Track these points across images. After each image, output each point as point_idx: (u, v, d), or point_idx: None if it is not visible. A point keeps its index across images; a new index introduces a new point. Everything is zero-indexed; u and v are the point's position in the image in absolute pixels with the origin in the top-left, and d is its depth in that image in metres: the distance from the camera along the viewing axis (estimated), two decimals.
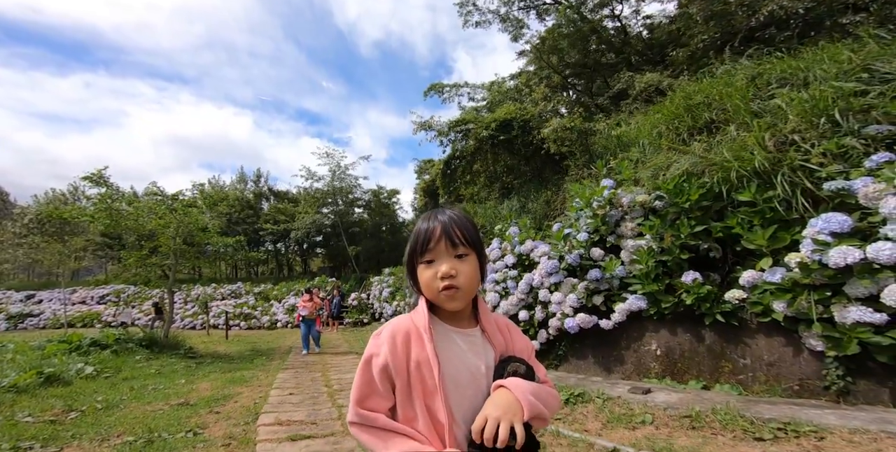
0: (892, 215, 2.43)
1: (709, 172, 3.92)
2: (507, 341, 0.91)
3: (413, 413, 0.79)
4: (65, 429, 2.94)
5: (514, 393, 0.75)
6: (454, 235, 0.83)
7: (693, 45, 8.90)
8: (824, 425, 2.19)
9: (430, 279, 0.82)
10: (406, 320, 0.85)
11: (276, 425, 2.90)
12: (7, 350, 6.10)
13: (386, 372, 0.80)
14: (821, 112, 3.51)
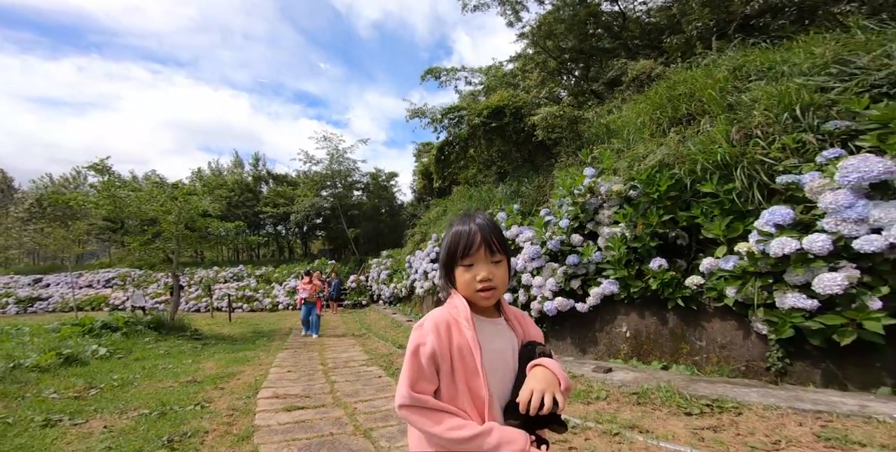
0: (827, 209, 2.68)
1: (678, 164, 4.14)
2: (523, 328, 1.06)
3: (455, 391, 0.90)
4: (87, 404, 3.32)
5: (551, 370, 0.90)
6: (492, 244, 0.95)
7: (688, 32, 8.87)
8: (746, 402, 2.50)
9: (470, 281, 0.95)
10: (444, 312, 0.97)
11: (274, 398, 3.28)
12: (24, 332, 6.52)
13: (433, 359, 0.90)
14: (785, 107, 3.69)
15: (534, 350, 0.98)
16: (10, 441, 2.52)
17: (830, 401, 2.37)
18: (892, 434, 1.90)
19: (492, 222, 1.01)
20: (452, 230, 1.01)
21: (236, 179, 25.87)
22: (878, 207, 2.42)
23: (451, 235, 1.00)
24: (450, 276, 1.00)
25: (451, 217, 1.09)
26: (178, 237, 7.56)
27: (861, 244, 2.46)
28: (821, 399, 2.44)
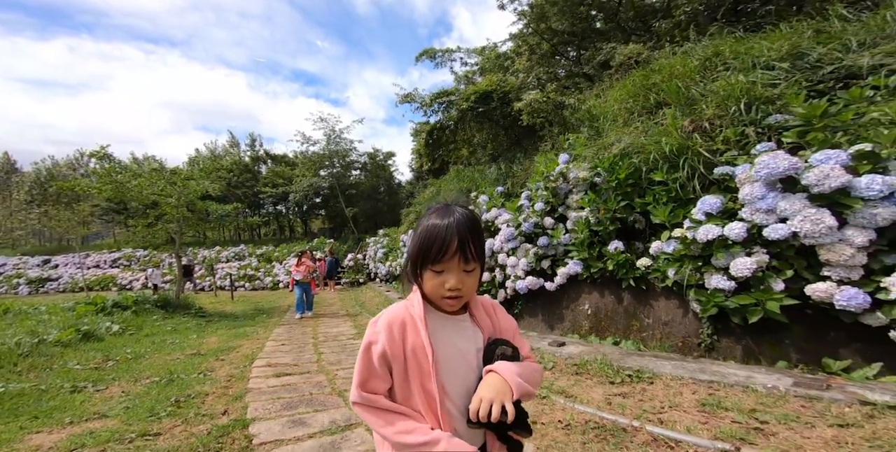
0: (745, 200, 3.04)
1: (637, 153, 4.46)
2: (493, 322, 1.00)
3: (409, 392, 0.88)
4: (106, 374, 3.84)
5: (503, 376, 0.85)
6: (469, 252, 0.87)
7: (676, 17, 8.87)
8: (660, 373, 2.94)
9: (437, 287, 0.88)
10: (401, 309, 0.92)
11: (267, 367, 3.78)
12: (41, 312, 7.08)
13: (384, 358, 0.87)
14: (735, 100, 3.96)
15: (494, 350, 0.94)
16: (45, 403, 3.03)
17: (726, 373, 2.80)
18: (759, 401, 2.32)
19: (471, 221, 0.91)
20: (428, 223, 0.91)
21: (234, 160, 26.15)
22: (785, 199, 2.78)
23: (426, 230, 0.90)
24: (416, 273, 0.92)
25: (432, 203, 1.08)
26: (179, 219, 8.02)
27: (769, 232, 2.83)
28: (719, 370, 2.86)
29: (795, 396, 2.31)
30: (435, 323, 0.92)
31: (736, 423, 2.09)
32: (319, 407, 2.71)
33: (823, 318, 2.87)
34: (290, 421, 2.48)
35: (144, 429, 2.44)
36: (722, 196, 3.37)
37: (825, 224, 2.54)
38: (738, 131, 3.68)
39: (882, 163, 2.54)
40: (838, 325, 2.80)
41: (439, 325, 0.93)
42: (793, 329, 3.09)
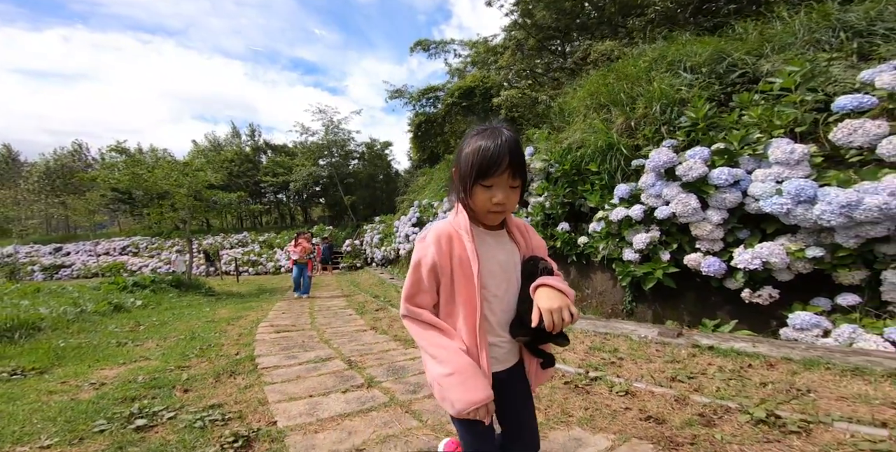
0: (642, 186, 3.84)
1: (580, 147, 5.24)
2: (526, 240, 1.08)
3: (453, 306, 0.96)
4: (140, 334, 4.76)
5: (557, 288, 0.93)
6: (517, 170, 0.94)
7: (648, 14, 9.42)
8: (578, 329, 3.70)
9: (485, 201, 0.95)
10: (446, 225, 0.99)
11: (269, 327, 4.70)
12: (70, 290, 8.04)
13: (434, 271, 0.96)
14: (656, 101, 4.71)
15: (536, 265, 1.01)
16: (100, 352, 3.94)
17: (620, 328, 3.59)
18: (630, 346, 3.11)
19: (517, 142, 0.97)
20: (477, 144, 0.95)
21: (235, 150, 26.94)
22: (668, 187, 3.58)
23: (477, 149, 0.95)
24: (465, 189, 0.97)
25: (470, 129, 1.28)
26: (189, 207, 8.90)
27: (658, 213, 3.65)
28: (617, 326, 3.66)
29: (655, 343, 3.13)
30: (479, 237, 0.99)
31: (602, 359, 2.91)
32: (308, 349, 3.61)
33: (707, 286, 3.69)
34: (286, 356, 3.38)
35: (179, 364, 3.34)
36: (633, 184, 4.17)
37: (691, 206, 3.35)
38: (654, 129, 4.45)
39: (735, 158, 3.34)
40: (716, 292, 3.62)
41: (482, 239, 1.00)
42: (686, 295, 3.93)
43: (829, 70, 3.54)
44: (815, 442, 1.57)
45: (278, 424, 2.02)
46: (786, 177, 2.85)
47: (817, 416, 1.74)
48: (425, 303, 0.98)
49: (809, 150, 2.88)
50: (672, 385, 2.28)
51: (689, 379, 2.35)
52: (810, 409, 1.82)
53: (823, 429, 1.65)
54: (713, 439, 1.67)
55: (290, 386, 2.59)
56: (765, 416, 1.74)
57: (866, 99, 2.72)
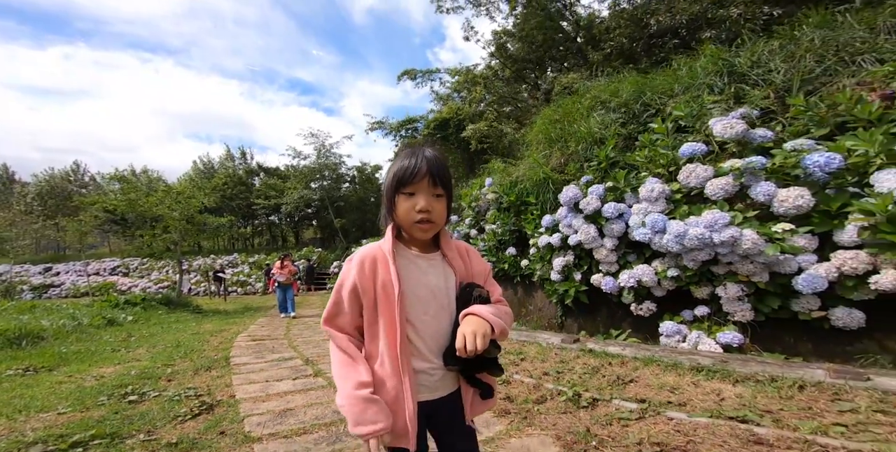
0: (558, 218, 4.67)
1: (521, 181, 6.12)
2: (466, 264, 1.09)
3: (377, 330, 0.97)
4: (132, 344, 5.45)
5: (482, 317, 0.93)
6: (437, 176, 0.97)
7: (607, 48, 10.60)
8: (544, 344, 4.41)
9: (408, 210, 0.96)
10: (374, 247, 1.01)
11: (247, 337, 5.42)
12: (65, 307, 8.69)
13: (355, 293, 0.97)
14: (582, 139, 5.60)
15: (471, 292, 1.01)
16: (98, 356, 4.64)
17: (537, 336, 4.29)
18: (537, 350, 3.83)
19: (439, 158, 1.02)
20: (397, 161, 1.01)
21: (229, 173, 27.98)
22: (575, 218, 4.43)
23: (398, 163, 1.00)
24: (391, 205, 1.00)
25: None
26: (180, 230, 9.68)
27: (570, 240, 4.47)
28: (537, 336, 4.36)
29: (556, 348, 3.86)
30: (405, 260, 1.00)
31: (509, 360, 3.62)
32: (276, 352, 4.35)
33: (615, 303, 4.46)
34: (255, 357, 4.11)
35: (165, 363, 4.05)
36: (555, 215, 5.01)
37: (591, 235, 4.18)
38: (577, 166, 5.34)
39: (622, 195, 4.19)
40: (618, 306, 4.39)
41: (409, 262, 1.00)
42: (600, 309, 4.70)
43: (712, 112, 4.42)
44: (593, 414, 2.32)
45: (236, 397, 2.77)
46: (649, 211, 3.69)
47: (607, 396, 2.50)
48: (345, 326, 0.99)
49: (670, 189, 3.73)
50: (540, 378, 3.03)
51: (557, 373, 3.10)
52: (614, 392, 2.58)
53: (604, 405, 2.41)
54: (533, 411, 2.42)
55: (252, 376, 3.33)
56: (571, 395, 2.51)
57: (698, 147, 3.60)
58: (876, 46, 3.66)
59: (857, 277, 2.67)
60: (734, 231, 2.97)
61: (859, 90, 3.30)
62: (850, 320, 2.77)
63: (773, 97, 3.95)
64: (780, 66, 4.11)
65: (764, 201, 2.97)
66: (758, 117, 3.90)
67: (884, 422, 1.83)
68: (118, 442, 2.13)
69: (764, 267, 3.02)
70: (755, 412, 2.08)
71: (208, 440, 2.08)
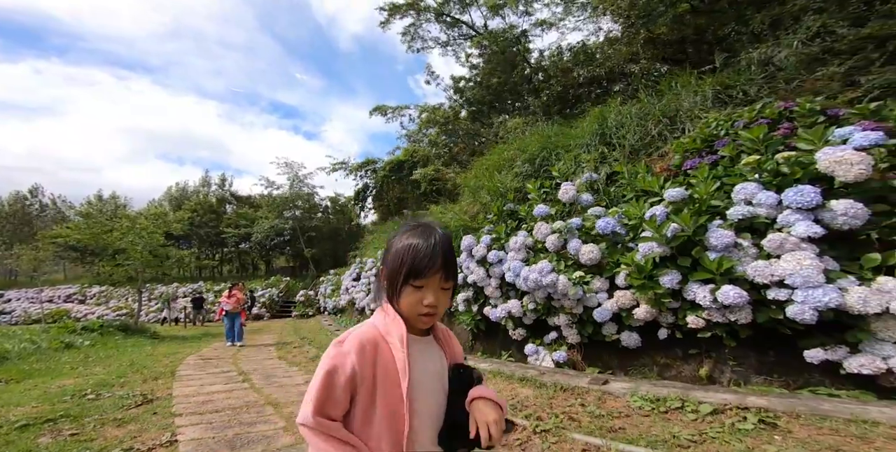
0: (462, 262, 5.87)
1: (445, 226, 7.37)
2: (447, 346, 1.10)
3: (371, 417, 0.90)
4: (89, 363, 6.27)
5: (493, 400, 0.96)
6: (450, 272, 0.96)
7: (543, 96, 12.25)
8: None
9: (415, 304, 0.94)
10: (372, 330, 0.96)
11: (197, 357, 6.32)
12: (20, 334, 9.32)
13: (352, 382, 0.89)
14: (490, 191, 6.90)
15: (470, 374, 1.04)
16: (59, 372, 5.49)
17: None
18: None
19: (450, 242, 0.99)
20: (409, 242, 0.96)
21: (200, 200, 28.76)
22: (471, 262, 5.63)
23: (411, 247, 0.95)
24: (393, 290, 0.97)
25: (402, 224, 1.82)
26: (143, 262, 10.50)
27: (469, 279, 5.66)
28: None
29: None
30: (410, 346, 0.95)
31: None
32: (218, 367, 5.30)
33: (503, 329, 5.60)
34: (199, 370, 5.06)
35: (120, 376, 4.96)
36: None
37: (481, 275, 5.38)
38: (485, 216, 6.61)
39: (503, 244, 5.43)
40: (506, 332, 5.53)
41: (414, 347, 0.97)
42: (498, 335, 5.84)
43: (584, 170, 5.74)
44: None
45: (172, 394, 3.75)
46: (514, 259, 4.93)
47: None
48: (336, 415, 0.90)
49: (532, 240, 4.99)
50: None
51: None
52: None
53: None
54: None
55: (191, 382, 4.31)
56: None
57: (544, 209, 4.89)
58: (702, 112, 4.96)
59: (629, 310, 3.91)
60: (553, 276, 4.21)
61: (653, 161, 4.70)
62: (630, 341, 3.97)
63: (622, 159, 5.35)
64: (634, 128, 5.51)
65: (574, 254, 4.24)
66: (608, 176, 5.26)
67: (592, 412, 3.00)
68: (78, 420, 3.12)
69: (578, 302, 4.24)
70: (528, 406, 3.22)
71: (144, 417, 3.09)
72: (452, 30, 15.77)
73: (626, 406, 2.89)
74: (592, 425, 2.56)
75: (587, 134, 6.14)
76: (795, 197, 2.81)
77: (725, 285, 3.02)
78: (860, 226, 2.68)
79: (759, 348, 3.28)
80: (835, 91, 4.59)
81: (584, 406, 2.98)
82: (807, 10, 6.42)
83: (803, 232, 2.72)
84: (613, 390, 3.27)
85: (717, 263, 3.07)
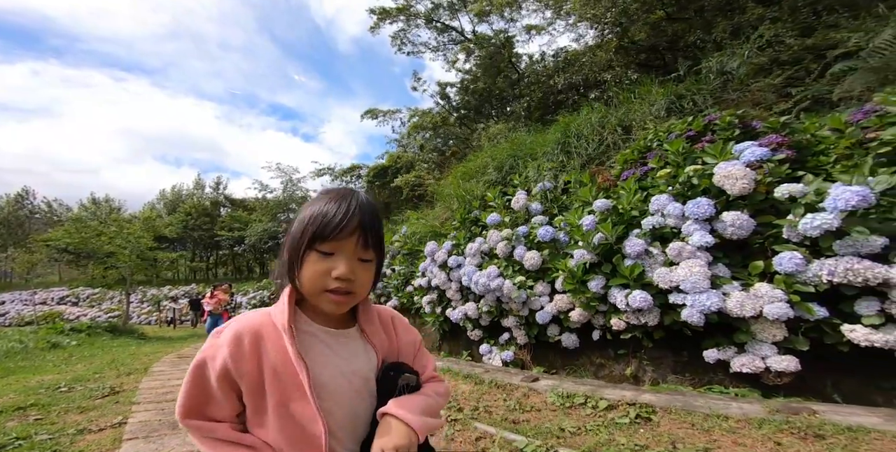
0: (425, 267, 6.22)
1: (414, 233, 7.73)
2: (390, 338, 0.93)
3: (264, 420, 0.78)
4: (72, 362, 6.66)
5: (405, 422, 0.78)
6: (370, 236, 0.79)
7: (525, 102, 12.62)
8: None
9: (321, 275, 0.77)
10: (258, 317, 0.81)
11: (175, 356, 6.69)
12: (10, 334, 9.73)
13: (227, 379, 0.76)
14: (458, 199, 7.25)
15: (396, 380, 0.87)
16: (41, 369, 5.88)
17: None
18: None
19: (376, 210, 0.84)
20: (318, 204, 0.81)
21: (195, 203, 29.29)
22: (434, 267, 5.98)
23: (319, 206, 0.80)
24: (294, 262, 0.79)
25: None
26: (130, 265, 10.94)
27: (434, 283, 6.00)
28: None
29: None
30: (309, 336, 0.82)
31: None
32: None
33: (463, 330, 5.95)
34: (172, 367, 5.43)
35: (97, 370, 5.34)
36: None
37: (443, 279, 5.73)
38: (451, 223, 6.96)
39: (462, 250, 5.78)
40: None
41: (314, 339, 0.82)
42: (462, 335, 6.18)
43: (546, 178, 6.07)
44: None
45: (139, 386, 4.12)
46: (471, 264, 5.28)
47: None
48: (223, 415, 0.79)
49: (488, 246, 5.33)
50: None
51: None
52: None
53: None
54: None
55: (161, 376, 4.68)
56: None
57: (496, 217, 5.22)
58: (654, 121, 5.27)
59: (566, 313, 4.25)
60: (500, 280, 4.56)
61: (600, 171, 5.04)
62: (570, 342, 4.31)
63: (577, 168, 5.69)
64: (591, 138, 5.86)
65: (519, 259, 4.59)
66: (566, 184, 5.59)
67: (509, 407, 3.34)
68: (46, 408, 3.49)
69: (524, 305, 4.58)
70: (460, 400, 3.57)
71: (106, 406, 3.46)
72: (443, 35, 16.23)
73: (542, 402, 3.23)
74: (500, 417, 2.89)
75: (550, 142, 6.48)
76: (694, 208, 3.15)
77: (636, 290, 3.36)
78: (748, 236, 3.02)
79: (674, 349, 3.62)
80: (770, 102, 4.93)
81: (506, 401, 3.31)
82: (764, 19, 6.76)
83: (698, 241, 3.07)
84: (539, 387, 3.60)
85: (631, 269, 3.42)
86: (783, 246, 2.80)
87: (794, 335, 2.75)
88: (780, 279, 2.73)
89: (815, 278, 2.57)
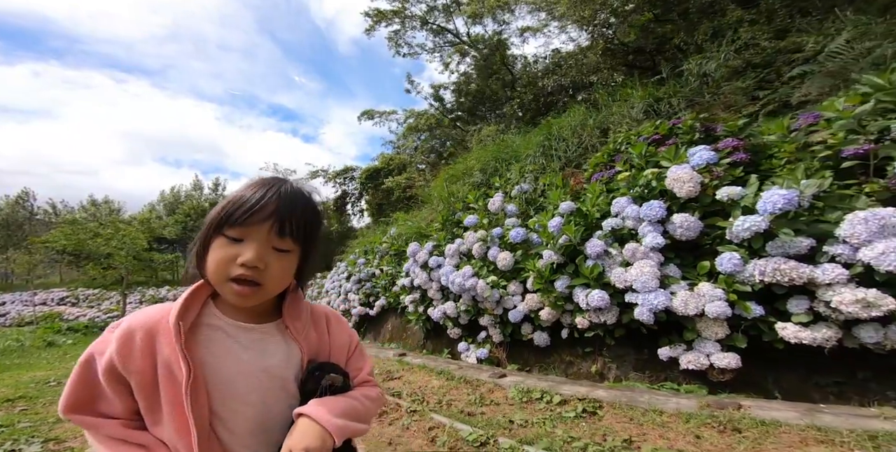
0: (408, 267, 6.41)
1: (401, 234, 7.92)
2: (321, 336, 0.90)
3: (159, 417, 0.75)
4: (67, 360, 6.89)
5: (319, 423, 0.75)
6: (287, 224, 0.75)
7: (515, 104, 12.79)
8: (383, 357, 6.05)
9: (226, 262, 0.74)
10: (157, 312, 0.79)
11: None
12: (9, 333, 10.00)
13: (114, 375, 0.74)
14: (443, 201, 7.44)
15: (319, 380, 0.83)
16: (35, 366, 6.10)
17: (385, 353, 6.00)
18: (375, 361, 5.52)
19: (304, 200, 0.81)
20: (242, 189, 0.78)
21: (193, 205, 29.64)
22: (416, 267, 6.17)
23: (236, 193, 0.77)
24: (203, 249, 0.78)
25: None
26: (127, 266, 11.21)
27: (417, 283, 6.19)
28: (385, 352, 6.07)
29: (389, 360, 5.51)
30: (213, 330, 0.79)
31: None
32: None
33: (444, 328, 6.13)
34: None
35: None
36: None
37: (424, 279, 5.92)
38: (434, 225, 7.14)
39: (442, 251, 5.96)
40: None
41: (220, 333, 0.79)
42: (444, 334, 6.36)
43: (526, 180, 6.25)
44: None
45: None
46: (450, 264, 5.46)
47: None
48: (114, 411, 0.77)
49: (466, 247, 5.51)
50: None
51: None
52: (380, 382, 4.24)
53: None
54: None
55: None
56: None
57: (473, 219, 5.41)
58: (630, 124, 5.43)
59: (537, 312, 4.42)
60: (474, 280, 4.74)
61: (574, 174, 5.20)
62: (541, 340, 4.48)
63: (556, 171, 5.86)
64: (571, 140, 6.03)
65: (493, 260, 4.77)
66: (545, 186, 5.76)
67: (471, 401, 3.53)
68: (33, 400, 3.70)
69: (497, 304, 4.76)
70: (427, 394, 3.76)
71: None
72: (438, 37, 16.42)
73: (503, 397, 3.41)
74: (458, 410, 3.08)
75: (534, 145, 6.66)
76: (647, 210, 3.32)
77: (595, 289, 3.54)
78: (697, 237, 3.19)
79: (635, 347, 3.78)
80: (741, 105, 5.08)
81: (469, 396, 3.49)
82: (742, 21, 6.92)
83: (650, 243, 3.24)
84: (504, 383, 3.78)
85: (591, 270, 3.59)
86: (726, 247, 2.96)
87: (735, 332, 2.92)
88: (723, 279, 2.90)
89: (752, 278, 2.74)
